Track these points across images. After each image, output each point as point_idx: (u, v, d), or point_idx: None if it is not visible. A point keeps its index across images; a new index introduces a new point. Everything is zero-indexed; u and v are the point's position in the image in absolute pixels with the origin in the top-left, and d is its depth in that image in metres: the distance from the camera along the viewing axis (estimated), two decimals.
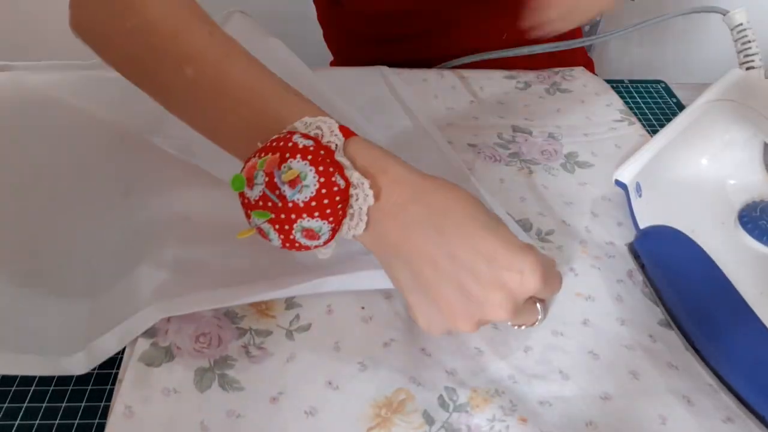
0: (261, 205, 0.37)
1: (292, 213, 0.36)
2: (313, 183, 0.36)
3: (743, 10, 0.44)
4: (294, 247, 0.38)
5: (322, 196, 0.36)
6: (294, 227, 0.37)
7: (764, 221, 0.43)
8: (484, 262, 0.37)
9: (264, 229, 0.38)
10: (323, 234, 0.37)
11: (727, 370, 0.41)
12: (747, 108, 0.43)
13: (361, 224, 0.38)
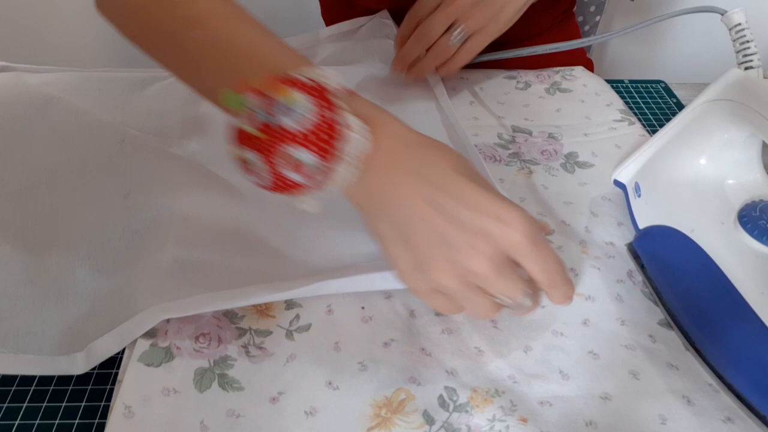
0: (255, 137, 0.36)
1: (282, 141, 0.36)
2: (310, 113, 0.36)
3: (741, 10, 0.44)
4: (281, 184, 0.37)
5: (314, 126, 0.36)
6: (283, 156, 0.36)
7: (764, 221, 0.43)
8: (467, 209, 0.37)
9: (250, 160, 0.37)
10: (312, 169, 0.36)
11: (727, 369, 0.41)
12: (746, 108, 0.43)
13: (355, 171, 0.37)
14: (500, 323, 0.44)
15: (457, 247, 0.37)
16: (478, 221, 0.37)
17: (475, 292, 0.38)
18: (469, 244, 0.36)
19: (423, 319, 0.44)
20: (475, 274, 0.37)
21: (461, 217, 0.37)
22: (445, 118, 0.62)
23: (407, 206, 0.38)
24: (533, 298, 0.39)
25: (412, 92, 0.66)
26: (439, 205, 0.37)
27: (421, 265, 0.38)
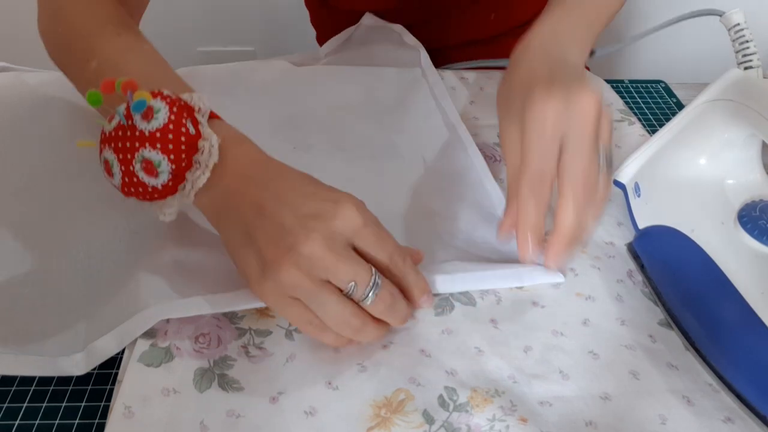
0: (113, 136, 0.40)
1: (136, 141, 0.39)
2: (163, 117, 0.39)
3: (739, 11, 0.44)
4: (133, 185, 0.40)
5: (168, 131, 0.39)
6: (136, 156, 0.39)
7: (764, 221, 0.43)
8: (304, 198, 0.39)
9: (109, 160, 0.40)
10: (162, 172, 0.39)
11: (728, 369, 0.41)
12: (745, 107, 0.43)
13: (203, 177, 0.40)
14: (500, 323, 0.44)
15: (294, 233, 0.37)
16: (312, 204, 0.38)
17: (327, 291, 0.37)
18: (304, 227, 0.37)
19: (422, 321, 0.44)
20: (313, 260, 0.37)
21: (299, 205, 0.38)
22: (446, 118, 0.62)
23: (254, 205, 0.39)
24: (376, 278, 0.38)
25: (412, 93, 0.66)
26: (280, 196, 0.39)
27: (265, 264, 0.38)
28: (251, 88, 0.65)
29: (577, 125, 0.41)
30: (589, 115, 0.41)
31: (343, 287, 0.38)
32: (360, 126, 0.61)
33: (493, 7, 0.79)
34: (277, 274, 0.37)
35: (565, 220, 0.42)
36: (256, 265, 0.38)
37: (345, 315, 0.38)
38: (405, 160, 0.58)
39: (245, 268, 0.39)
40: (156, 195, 0.40)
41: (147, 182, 0.39)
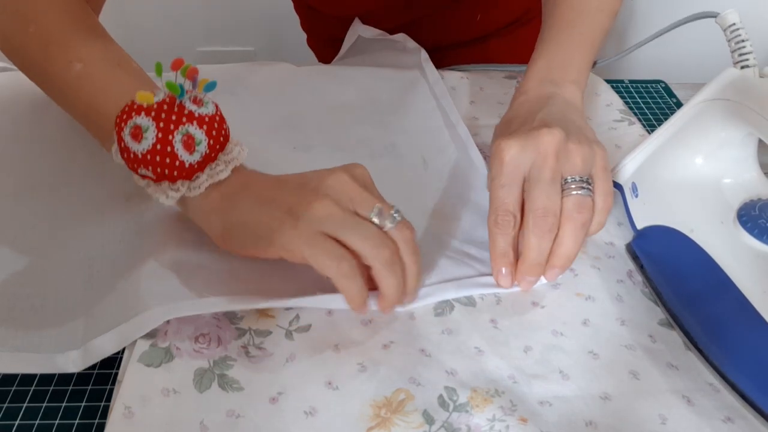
0: (153, 107, 0.41)
1: (184, 117, 0.41)
2: (212, 108, 0.43)
3: (734, 11, 0.44)
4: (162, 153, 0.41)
5: (215, 120, 0.43)
6: (180, 128, 0.41)
7: (764, 220, 0.43)
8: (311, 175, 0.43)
9: (142, 126, 0.41)
10: (197, 152, 0.41)
11: (730, 368, 0.41)
12: (742, 106, 0.43)
13: (224, 172, 0.43)
14: (500, 323, 0.44)
15: (316, 176, 0.42)
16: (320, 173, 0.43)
17: (357, 218, 0.41)
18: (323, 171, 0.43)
19: (422, 321, 0.44)
20: (340, 190, 0.41)
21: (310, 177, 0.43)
22: (447, 118, 0.62)
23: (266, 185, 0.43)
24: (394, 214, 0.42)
25: (412, 93, 0.66)
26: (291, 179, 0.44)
27: (294, 209, 0.41)
28: (251, 88, 0.65)
29: (535, 161, 0.44)
30: (545, 151, 0.44)
31: (368, 215, 0.41)
32: (360, 126, 0.61)
33: (478, 9, 0.79)
34: (309, 209, 0.40)
35: (527, 248, 0.44)
36: (281, 214, 0.41)
37: (379, 237, 0.41)
38: (405, 160, 0.58)
39: (271, 222, 0.41)
40: (176, 173, 0.42)
41: (180, 155, 0.41)
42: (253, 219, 0.42)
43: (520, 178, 0.44)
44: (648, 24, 1.57)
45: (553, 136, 0.44)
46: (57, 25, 0.49)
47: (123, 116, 0.42)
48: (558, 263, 0.44)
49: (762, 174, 0.47)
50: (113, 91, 0.46)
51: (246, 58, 1.57)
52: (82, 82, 0.47)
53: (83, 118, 0.49)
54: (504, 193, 0.44)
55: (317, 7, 0.82)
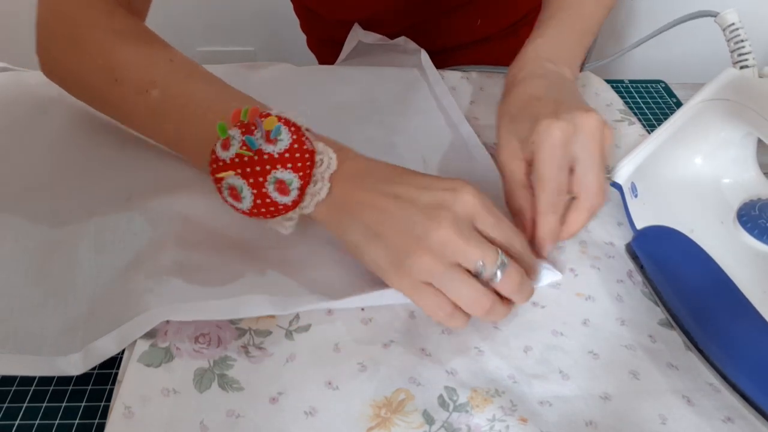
0: (237, 162, 0.41)
1: (267, 164, 0.41)
2: (287, 138, 0.42)
3: (733, 11, 0.44)
4: (264, 205, 0.41)
5: (295, 150, 0.41)
6: (268, 178, 0.41)
7: (764, 220, 0.43)
8: (421, 191, 0.41)
9: (236, 186, 0.41)
10: (293, 189, 0.41)
11: (731, 368, 0.41)
12: (742, 106, 0.43)
13: (324, 188, 0.42)
14: (500, 323, 0.44)
15: (422, 223, 0.40)
16: (432, 195, 0.41)
17: (459, 272, 0.40)
18: (429, 217, 0.40)
19: (423, 320, 0.44)
20: (444, 245, 0.39)
21: (419, 198, 0.41)
22: (448, 117, 0.62)
23: (372, 205, 0.42)
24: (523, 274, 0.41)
25: (412, 93, 0.66)
26: (398, 195, 0.42)
27: (397, 255, 0.40)
28: (251, 88, 0.65)
29: (585, 145, 0.45)
30: (596, 135, 0.45)
31: (472, 268, 0.40)
32: (360, 126, 0.61)
33: (479, 13, 0.79)
34: (411, 261, 0.40)
35: (576, 222, 0.46)
36: (386, 257, 0.41)
37: (477, 294, 0.40)
38: (405, 160, 0.58)
39: (376, 261, 0.41)
40: (284, 211, 0.42)
41: (279, 201, 0.42)
42: (362, 251, 0.42)
43: (570, 159, 0.45)
44: (648, 24, 1.58)
45: (600, 121, 0.45)
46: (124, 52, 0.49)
47: (214, 174, 0.42)
48: None
49: (761, 174, 0.47)
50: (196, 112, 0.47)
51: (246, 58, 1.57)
52: (162, 109, 0.48)
53: (172, 143, 0.50)
54: (560, 175, 0.45)
55: (317, 10, 0.82)
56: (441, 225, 0.40)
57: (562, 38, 0.54)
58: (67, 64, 0.52)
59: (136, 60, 0.49)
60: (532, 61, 0.52)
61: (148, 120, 0.50)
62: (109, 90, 0.50)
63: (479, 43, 0.82)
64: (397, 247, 0.40)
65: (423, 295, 0.40)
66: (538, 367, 0.42)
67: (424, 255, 0.39)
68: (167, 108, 0.48)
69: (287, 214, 0.43)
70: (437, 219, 0.40)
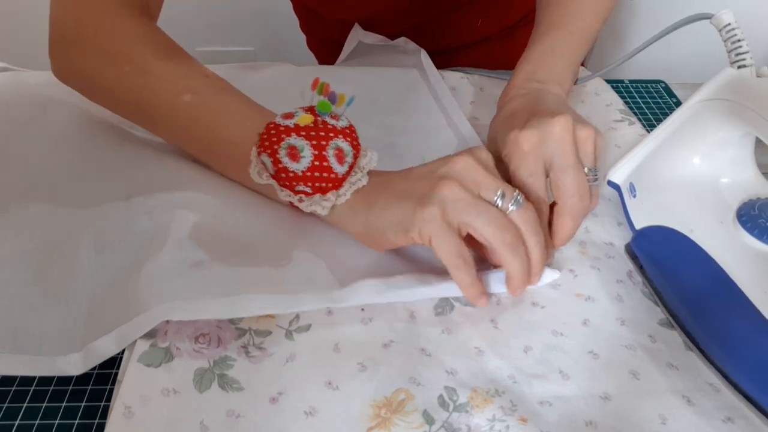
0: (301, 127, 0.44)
1: (331, 132, 0.45)
2: (347, 121, 0.47)
3: (728, 11, 0.44)
4: (320, 168, 0.44)
5: (352, 132, 0.46)
6: (330, 143, 0.44)
7: (763, 219, 0.43)
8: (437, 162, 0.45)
9: (298, 146, 0.44)
10: (347, 159, 0.45)
11: (732, 368, 0.41)
12: (740, 106, 0.43)
13: (363, 180, 0.46)
14: (500, 323, 0.44)
15: (441, 165, 0.44)
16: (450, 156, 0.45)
17: (483, 202, 0.42)
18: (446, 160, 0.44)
19: (423, 320, 0.44)
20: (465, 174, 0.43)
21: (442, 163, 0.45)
22: (448, 117, 0.62)
23: (396, 182, 0.46)
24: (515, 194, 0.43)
25: (412, 93, 0.66)
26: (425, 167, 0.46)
27: (423, 196, 0.43)
28: (251, 88, 0.65)
29: (555, 148, 0.46)
30: (565, 136, 0.46)
31: (492, 199, 0.43)
32: (359, 126, 0.61)
33: (479, 13, 0.79)
34: (438, 192, 0.42)
35: (562, 229, 0.47)
36: (414, 201, 0.43)
37: (500, 221, 0.42)
38: (405, 160, 0.58)
39: (405, 209, 0.43)
40: (330, 184, 0.45)
41: (334, 168, 0.44)
42: (391, 212, 0.44)
43: (542, 165, 0.46)
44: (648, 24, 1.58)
45: (567, 121, 0.46)
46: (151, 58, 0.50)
47: (272, 139, 0.44)
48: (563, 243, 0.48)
49: (759, 173, 0.47)
50: (235, 118, 0.48)
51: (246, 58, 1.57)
52: (196, 112, 0.49)
53: (202, 147, 0.50)
54: (536, 182, 0.46)
55: (317, 10, 0.82)
56: (458, 160, 0.44)
57: (553, 59, 0.55)
58: (88, 70, 0.52)
59: (170, 71, 0.50)
60: (519, 85, 0.54)
61: (180, 125, 0.50)
62: (139, 96, 0.50)
63: (479, 43, 0.82)
64: (423, 189, 0.43)
65: (446, 237, 0.41)
66: (538, 367, 0.42)
67: (449, 183, 0.42)
68: (200, 113, 0.49)
69: (326, 195, 0.45)
70: (457, 156, 0.44)
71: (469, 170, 0.43)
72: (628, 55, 0.58)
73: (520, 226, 0.43)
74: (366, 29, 0.77)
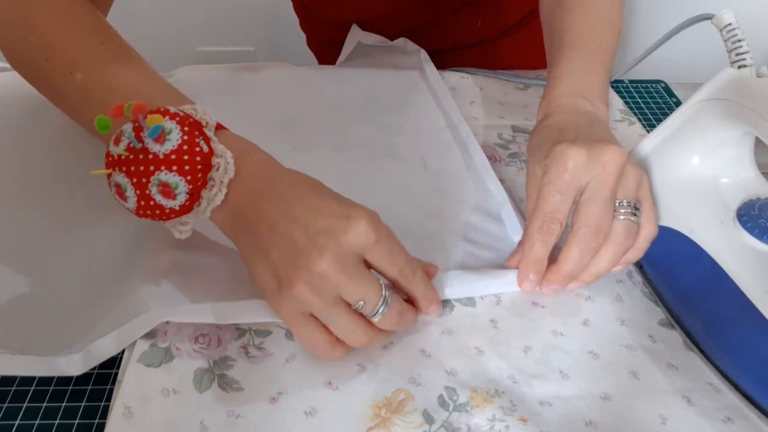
0: (123, 159, 0.39)
1: (151, 164, 0.38)
2: (176, 138, 0.39)
3: (729, 11, 0.44)
4: (149, 208, 0.39)
5: (183, 152, 0.39)
6: (151, 179, 0.38)
7: (764, 219, 0.43)
8: (315, 214, 0.39)
9: (122, 185, 0.39)
10: (179, 194, 0.39)
11: (733, 368, 0.41)
12: (740, 106, 0.43)
13: (220, 195, 0.40)
14: (500, 323, 0.44)
15: (305, 251, 0.37)
16: (323, 221, 0.38)
17: (338, 308, 0.38)
18: (315, 246, 0.37)
19: (422, 321, 0.44)
20: (324, 279, 0.37)
21: (311, 222, 0.38)
22: (448, 117, 0.62)
23: (265, 223, 0.39)
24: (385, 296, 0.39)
25: (412, 94, 0.66)
26: (291, 214, 0.39)
27: (280, 281, 0.38)
28: (251, 88, 0.65)
29: (597, 176, 0.42)
30: (611, 169, 0.42)
31: (353, 304, 0.38)
32: (360, 127, 0.61)
33: (478, 15, 0.79)
34: (291, 291, 0.38)
35: (566, 259, 0.43)
36: (270, 281, 0.39)
37: (355, 330, 0.39)
38: (405, 160, 0.58)
39: (262, 282, 0.40)
40: (173, 215, 0.41)
41: (164, 205, 0.39)
42: (251, 268, 0.40)
43: (577, 188, 0.43)
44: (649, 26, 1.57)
45: (620, 155, 0.43)
46: (56, 32, 0.48)
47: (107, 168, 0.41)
48: (587, 279, 0.44)
49: (759, 173, 0.47)
50: (117, 96, 0.44)
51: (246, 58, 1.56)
52: (85, 91, 0.46)
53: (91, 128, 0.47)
54: (558, 201, 0.43)
55: (315, 10, 0.82)
56: (323, 257, 0.37)
57: (589, 73, 0.51)
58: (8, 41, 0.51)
59: (65, 40, 0.47)
60: (564, 95, 0.50)
61: (73, 103, 0.48)
62: (41, 68, 0.48)
63: (479, 44, 0.82)
64: (280, 274, 0.38)
65: (302, 327, 0.39)
66: (538, 367, 0.42)
67: (304, 287, 0.37)
68: (89, 91, 0.46)
69: (181, 218, 0.41)
70: (321, 249, 0.37)
71: (331, 272, 0.37)
72: (635, 60, 0.57)
73: (380, 327, 0.40)
74: (365, 30, 0.77)
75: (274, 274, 0.39)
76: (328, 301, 0.38)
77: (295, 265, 0.38)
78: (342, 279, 0.37)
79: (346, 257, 0.38)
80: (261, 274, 0.39)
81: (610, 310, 0.46)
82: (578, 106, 0.49)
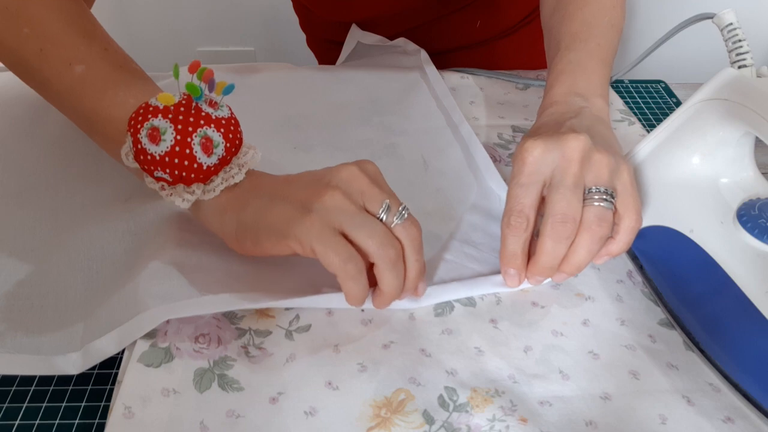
0: (170, 109, 0.41)
1: (202, 119, 0.41)
2: (227, 111, 0.43)
3: (730, 11, 0.44)
4: (182, 156, 0.41)
5: (231, 123, 0.43)
6: (198, 131, 0.41)
7: (764, 219, 0.43)
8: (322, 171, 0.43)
9: (160, 127, 0.41)
10: (215, 154, 0.42)
11: (733, 368, 0.41)
12: (740, 106, 0.43)
13: (239, 175, 0.43)
14: (500, 323, 0.44)
15: (326, 175, 0.42)
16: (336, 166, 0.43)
17: (366, 213, 0.41)
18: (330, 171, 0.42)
19: (422, 321, 0.44)
20: (350, 183, 0.41)
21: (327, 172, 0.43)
22: (448, 117, 0.62)
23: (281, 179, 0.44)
24: None
25: (412, 94, 0.66)
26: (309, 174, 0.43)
27: (305, 203, 0.41)
28: (252, 88, 0.65)
29: (558, 165, 0.43)
30: (570, 155, 0.43)
31: (376, 211, 0.41)
32: (360, 126, 0.61)
33: (478, 15, 0.79)
34: (321, 200, 0.40)
35: (540, 251, 0.43)
36: (294, 210, 0.40)
37: (382, 235, 0.40)
38: (405, 160, 0.58)
39: (282, 222, 0.41)
40: (193, 175, 0.42)
41: (198, 157, 0.41)
42: (266, 214, 0.41)
43: (540, 180, 0.44)
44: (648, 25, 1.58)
45: (579, 141, 0.43)
46: (53, 25, 0.47)
47: (138, 118, 0.41)
48: (568, 270, 0.44)
49: (759, 173, 0.47)
50: (119, 94, 0.44)
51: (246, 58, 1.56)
52: (84, 85, 0.46)
53: (85, 121, 0.47)
54: (521, 193, 0.44)
55: (315, 10, 0.82)
56: (346, 167, 0.42)
57: (588, 70, 0.52)
58: None
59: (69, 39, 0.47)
60: (559, 95, 0.50)
61: (66, 96, 0.47)
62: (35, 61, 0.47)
63: (479, 45, 0.82)
64: (303, 198, 0.41)
65: (330, 242, 0.39)
66: (538, 367, 0.42)
67: (333, 192, 0.40)
68: (88, 86, 0.46)
69: (190, 187, 0.42)
70: (343, 166, 0.42)
71: (355, 180, 0.41)
72: (635, 60, 0.58)
73: (402, 240, 0.41)
74: (365, 30, 0.77)
75: (296, 202, 0.41)
76: (355, 205, 0.40)
77: (322, 183, 0.41)
78: (366, 182, 0.41)
79: (364, 173, 0.42)
80: (281, 214, 0.41)
81: (610, 310, 0.46)
82: (571, 104, 0.49)
